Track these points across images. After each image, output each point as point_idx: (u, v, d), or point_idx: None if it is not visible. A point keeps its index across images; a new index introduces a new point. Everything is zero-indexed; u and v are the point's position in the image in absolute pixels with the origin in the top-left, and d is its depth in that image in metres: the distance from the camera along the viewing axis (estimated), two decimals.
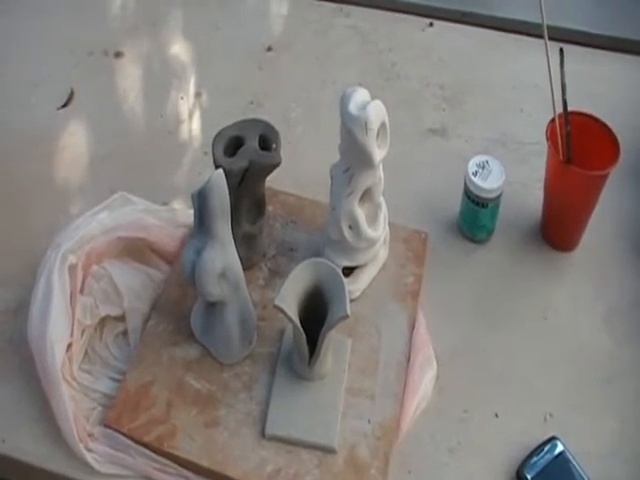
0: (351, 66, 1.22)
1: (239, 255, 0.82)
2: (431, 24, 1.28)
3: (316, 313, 0.78)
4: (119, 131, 1.14)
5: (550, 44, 0.87)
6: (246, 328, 0.85)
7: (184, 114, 1.17)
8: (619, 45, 1.22)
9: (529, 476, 0.79)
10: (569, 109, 0.89)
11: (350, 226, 0.87)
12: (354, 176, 0.84)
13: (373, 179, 0.85)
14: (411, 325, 0.90)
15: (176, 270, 0.93)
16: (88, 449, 0.82)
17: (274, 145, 0.86)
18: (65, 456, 0.82)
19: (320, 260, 0.80)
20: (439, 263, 0.96)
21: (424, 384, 0.85)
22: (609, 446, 0.83)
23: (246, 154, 0.85)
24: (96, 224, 0.94)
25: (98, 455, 0.82)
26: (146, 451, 0.82)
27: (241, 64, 1.23)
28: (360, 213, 0.86)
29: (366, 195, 0.86)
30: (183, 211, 1.00)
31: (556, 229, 0.98)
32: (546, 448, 0.81)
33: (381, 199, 0.89)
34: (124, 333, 0.91)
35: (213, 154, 0.85)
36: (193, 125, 1.16)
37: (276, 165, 0.85)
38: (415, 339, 0.88)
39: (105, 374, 0.88)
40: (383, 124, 0.81)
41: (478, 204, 0.94)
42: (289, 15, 1.31)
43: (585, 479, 0.79)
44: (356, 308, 0.86)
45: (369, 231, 0.88)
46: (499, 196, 0.94)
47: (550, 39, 0.87)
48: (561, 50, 0.86)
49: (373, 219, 0.89)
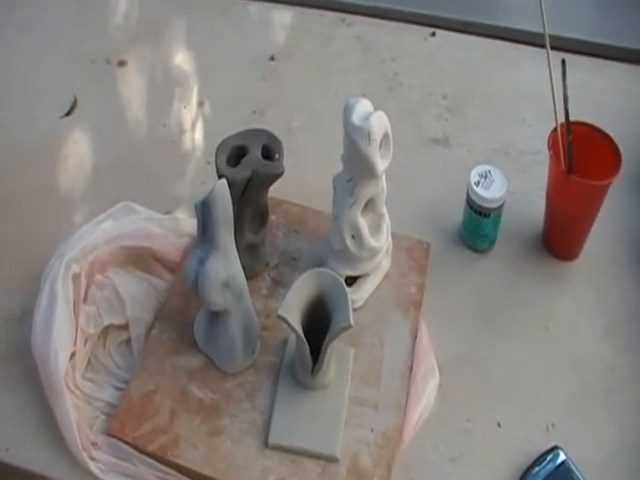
0: (353, 76, 1.23)
1: (242, 264, 0.82)
2: (433, 34, 1.29)
3: (319, 323, 0.79)
4: (122, 140, 1.15)
5: (552, 54, 0.87)
6: (249, 337, 0.86)
7: (187, 123, 1.18)
8: (622, 55, 1.23)
9: None
10: (571, 119, 0.90)
11: (353, 236, 0.87)
12: (357, 186, 0.84)
13: (376, 189, 0.86)
14: (414, 334, 0.90)
15: (179, 279, 0.94)
16: (91, 458, 0.83)
17: (277, 155, 0.87)
18: (68, 465, 0.83)
19: (323, 270, 0.81)
20: (441, 272, 0.97)
21: (427, 393, 0.86)
22: (611, 455, 0.83)
23: (249, 164, 0.86)
24: (100, 233, 0.95)
25: (101, 464, 0.83)
26: (149, 460, 0.82)
27: (244, 74, 1.24)
28: (363, 223, 0.87)
29: (369, 205, 0.87)
30: (186, 220, 1.00)
31: (558, 238, 0.98)
32: (548, 457, 0.81)
33: (384, 209, 0.90)
34: (127, 342, 0.92)
35: (216, 164, 0.85)
36: (196, 134, 1.17)
37: (279, 175, 0.86)
38: (417, 348, 0.89)
39: (108, 383, 0.89)
40: (386, 134, 0.82)
41: (480, 214, 0.95)
42: (292, 25, 1.32)
43: None
44: (359, 318, 0.86)
45: (372, 241, 0.88)
46: (501, 206, 0.95)
47: (552, 49, 0.88)
48: (563, 61, 0.87)
49: (376, 229, 0.90)
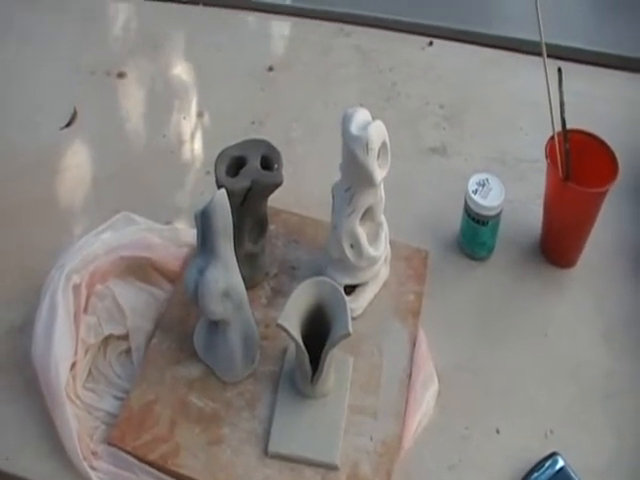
0: (352, 86, 1.24)
1: (242, 274, 0.83)
2: (431, 43, 1.30)
3: (318, 331, 0.80)
4: (122, 151, 1.16)
5: (549, 62, 0.88)
6: (249, 347, 0.87)
7: (186, 134, 1.19)
8: (619, 63, 1.24)
9: None
10: (568, 127, 0.90)
11: (351, 245, 0.88)
12: (355, 195, 0.85)
13: (374, 198, 0.87)
14: (412, 342, 0.91)
15: (179, 289, 0.95)
16: (92, 467, 0.83)
17: (276, 165, 0.88)
18: (69, 474, 0.83)
19: (322, 279, 0.82)
20: (440, 281, 0.98)
21: (425, 401, 0.86)
22: (610, 461, 0.84)
23: (248, 174, 0.86)
24: (99, 244, 0.95)
25: (102, 473, 0.83)
26: (150, 469, 0.83)
27: (243, 84, 1.25)
28: (361, 232, 0.88)
29: (367, 214, 0.88)
30: (186, 230, 1.01)
31: (555, 246, 0.99)
32: (547, 464, 0.82)
33: (382, 218, 0.91)
34: (127, 352, 0.92)
35: (216, 174, 0.86)
36: (195, 145, 1.17)
37: (278, 184, 0.87)
38: (416, 356, 0.89)
39: (109, 393, 0.90)
40: (384, 144, 0.82)
41: (478, 222, 0.95)
42: (290, 36, 1.34)
43: None
44: (358, 326, 0.87)
45: (370, 250, 0.89)
46: (499, 214, 0.95)
47: (549, 57, 0.88)
48: (559, 70, 0.88)
49: (374, 238, 0.90)
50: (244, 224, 0.90)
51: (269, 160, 0.88)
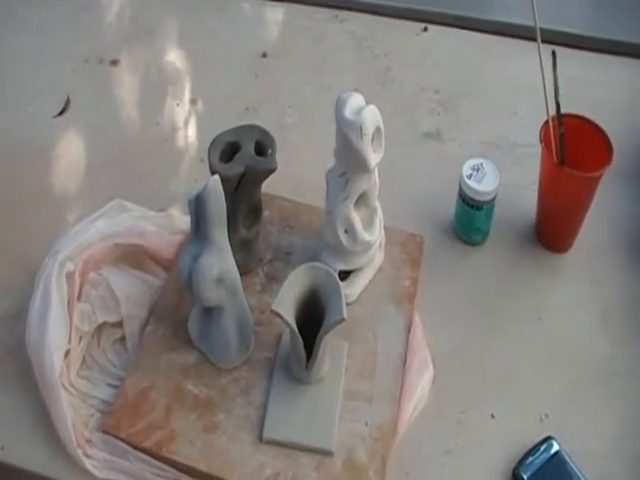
0: (346, 72, 1.24)
1: (236, 260, 0.83)
2: (425, 29, 1.30)
3: (313, 317, 0.80)
4: (115, 139, 1.16)
5: (544, 47, 0.88)
6: (243, 333, 0.87)
7: (180, 121, 1.18)
8: (613, 48, 1.23)
9: (525, 476, 0.80)
10: (563, 112, 0.90)
11: (346, 230, 0.88)
12: (350, 180, 0.85)
13: (368, 183, 0.86)
14: (407, 328, 0.91)
15: (173, 276, 0.95)
16: (87, 455, 0.83)
17: (270, 150, 0.88)
18: (64, 462, 0.84)
19: (316, 264, 0.81)
20: (435, 266, 0.97)
21: (421, 386, 0.86)
22: (604, 445, 0.84)
23: (242, 160, 0.86)
24: (93, 231, 0.95)
25: (97, 461, 0.83)
26: (145, 456, 0.83)
27: (237, 71, 1.25)
28: (356, 217, 0.88)
29: (362, 199, 0.88)
30: (179, 217, 1.01)
31: (550, 230, 0.99)
32: (542, 448, 0.82)
33: (377, 203, 0.91)
34: (122, 339, 0.92)
35: (209, 160, 0.86)
36: (189, 132, 1.17)
37: (272, 170, 0.87)
38: (412, 342, 0.89)
39: (103, 380, 0.90)
40: (378, 128, 0.82)
41: (473, 207, 0.95)
42: (284, 22, 1.33)
43: (581, 478, 0.80)
44: (353, 312, 0.87)
45: (365, 235, 0.89)
46: (494, 198, 0.95)
47: (544, 42, 0.88)
48: (553, 52, 0.87)
49: (369, 223, 0.90)
50: (238, 210, 0.90)
51: (263, 146, 0.88)
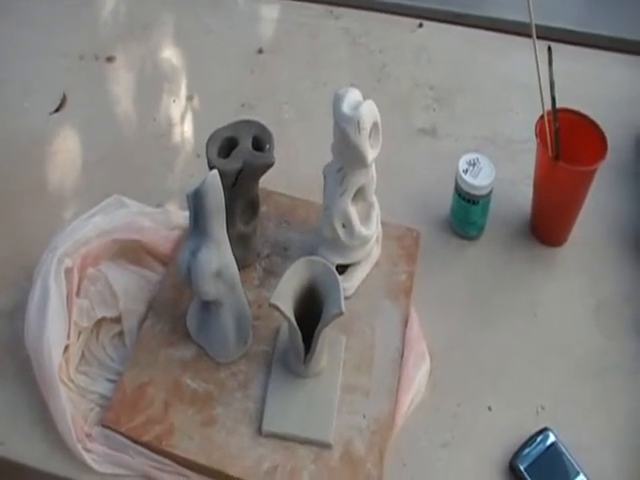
0: (342, 68, 1.24)
1: (234, 255, 0.83)
2: (421, 25, 1.30)
3: (311, 311, 0.80)
4: (112, 135, 1.16)
5: (539, 43, 0.88)
6: (241, 327, 0.87)
7: (176, 117, 1.19)
8: (608, 44, 1.24)
9: (522, 467, 0.81)
10: (558, 107, 0.91)
11: (343, 224, 0.89)
12: (347, 175, 0.86)
13: (366, 178, 0.87)
14: (404, 322, 0.92)
15: (171, 271, 0.95)
16: (87, 449, 0.84)
17: (267, 146, 0.88)
18: (64, 457, 0.84)
19: (314, 258, 0.82)
20: (431, 260, 0.98)
21: (418, 379, 0.87)
22: (600, 437, 0.85)
23: (240, 155, 0.87)
24: (91, 227, 0.95)
25: (97, 455, 0.84)
26: (144, 450, 0.83)
27: (233, 67, 1.25)
28: (353, 212, 0.88)
29: (359, 194, 0.88)
30: (177, 213, 1.01)
31: (545, 224, 1.00)
32: (538, 439, 0.83)
33: (374, 198, 0.91)
34: (120, 334, 0.93)
35: (207, 155, 0.86)
36: (185, 128, 1.17)
37: (270, 165, 0.87)
38: (408, 335, 0.90)
39: (102, 375, 0.90)
40: (375, 124, 0.83)
41: (469, 201, 0.96)
42: (280, 18, 1.33)
43: (577, 469, 0.81)
44: (350, 305, 0.87)
45: (362, 229, 0.90)
46: (489, 193, 0.96)
47: (539, 38, 0.88)
48: (549, 48, 0.87)
49: (366, 217, 0.91)
50: (236, 205, 0.90)
51: (261, 141, 0.89)
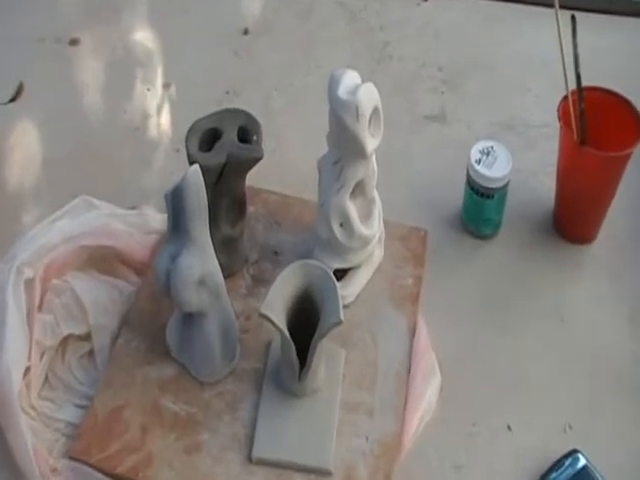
0: (338, 48, 1.25)
1: (219, 261, 0.84)
2: None
3: (306, 321, 0.81)
4: (77, 128, 1.17)
5: (561, 12, 0.88)
6: (228, 341, 0.88)
7: (151, 108, 1.20)
8: (638, 9, 1.25)
9: None
10: (583, 85, 0.91)
11: (341, 223, 0.89)
12: (345, 168, 0.86)
13: (366, 171, 0.88)
14: (411, 332, 0.93)
15: (148, 281, 0.96)
16: None
17: (255, 137, 0.89)
18: None
19: (310, 261, 0.83)
20: (440, 262, 0.99)
21: (427, 396, 0.88)
22: (636, 459, 0.85)
23: (224, 148, 0.87)
24: (55, 232, 0.96)
25: None
26: None
27: (214, 50, 1.26)
28: (352, 209, 0.89)
29: (358, 189, 0.89)
30: (154, 215, 1.02)
31: (571, 219, 1.01)
32: (567, 462, 0.83)
33: (375, 193, 0.92)
34: (90, 353, 0.93)
35: (187, 149, 0.87)
36: (162, 120, 1.19)
37: (257, 159, 0.88)
38: (416, 347, 0.91)
39: (69, 401, 0.91)
40: (376, 109, 0.83)
41: (483, 195, 0.97)
42: None
43: None
44: (350, 314, 0.88)
45: (362, 228, 0.90)
46: (506, 185, 0.97)
47: (562, 7, 0.88)
48: (573, 17, 0.88)
49: (366, 215, 0.92)
50: (220, 205, 0.91)
51: (247, 132, 0.89)
